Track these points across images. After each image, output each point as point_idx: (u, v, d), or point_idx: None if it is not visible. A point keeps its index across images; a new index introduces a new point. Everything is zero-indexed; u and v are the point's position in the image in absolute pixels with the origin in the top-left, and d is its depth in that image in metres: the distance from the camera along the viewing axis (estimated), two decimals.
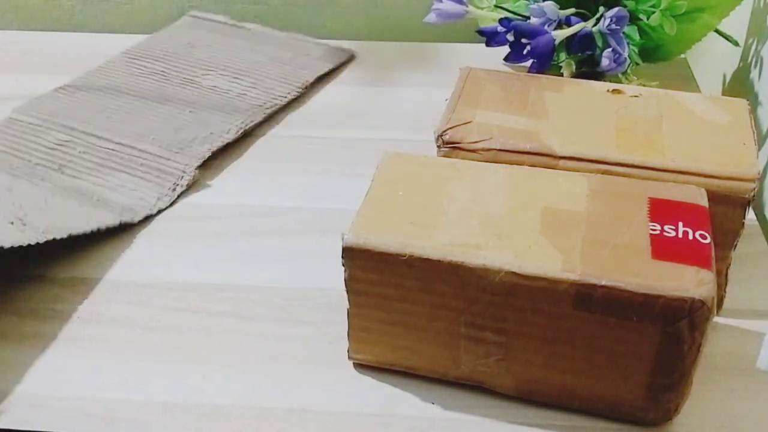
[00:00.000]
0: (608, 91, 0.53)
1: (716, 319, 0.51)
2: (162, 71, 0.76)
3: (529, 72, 0.64)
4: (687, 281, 0.39)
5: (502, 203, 0.44)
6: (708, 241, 0.41)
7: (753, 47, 0.67)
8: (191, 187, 0.63)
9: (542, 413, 0.44)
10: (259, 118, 0.70)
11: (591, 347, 0.41)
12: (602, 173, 0.47)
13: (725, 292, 0.50)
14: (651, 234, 0.41)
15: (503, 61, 0.66)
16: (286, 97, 0.73)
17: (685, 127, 0.50)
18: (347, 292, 0.44)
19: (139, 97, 0.72)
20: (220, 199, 0.61)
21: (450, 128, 0.50)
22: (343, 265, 0.43)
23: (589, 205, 0.43)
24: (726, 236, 0.47)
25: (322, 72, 0.77)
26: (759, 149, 0.49)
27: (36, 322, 0.51)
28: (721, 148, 0.48)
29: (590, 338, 0.41)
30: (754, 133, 0.50)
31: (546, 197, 0.44)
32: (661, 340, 0.39)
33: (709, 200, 0.46)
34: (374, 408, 0.45)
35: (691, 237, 0.41)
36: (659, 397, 0.42)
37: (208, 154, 0.65)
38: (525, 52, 0.63)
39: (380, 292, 0.43)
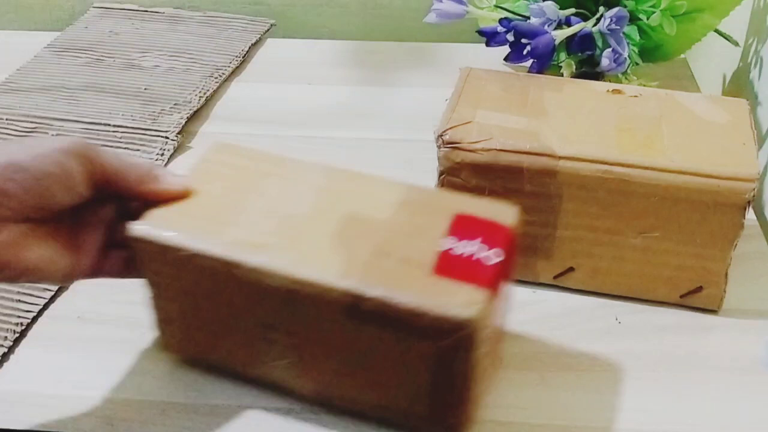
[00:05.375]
0: (608, 91, 0.54)
1: (715, 318, 0.51)
2: (98, 59, 0.78)
3: (529, 72, 0.64)
4: (457, 300, 0.37)
5: (310, 205, 0.43)
6: (497, 260, 0.39)
7: (753, 47, 0.67)
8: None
9: None
10: (213, 86, 0.73)
11: (373, 358, 0.40)
12: (602, 173, 0.47)
13: (725, 292, 0.50)
14: (441, 250, 0.40)
15: (503, 61, 0.66)
16: (229, 66, 0.77)
17: (685, 127, 0.50)
18: (145, 284, 0.44)
19: (89, 83, 0.74)
20: None
21: (450, 128, 0.50)
22: (135, 255, 0.42)
23: (393, 215, 0.42)
24: (725, 236, 0.47)
25: (252, 41, 0.81)
26: (759, 149, 0.49)
27: (37, 322, 0.51)
28: (721, 148, 0.48)
29: (370, 349, 0.40)
30: (753, 133, 0.50)
31: (355, 203, 0.43)
32: (434, 356, 0.39)
33: (708, 200, 0.46)
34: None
35: (480, 255, 0.39)
36: (443, 412, 0.41)
37: (183, 122, 0.68)
38: (525, 52, 0.63)
39: (172, 285, 0.43)
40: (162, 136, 0.66)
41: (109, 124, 0.68)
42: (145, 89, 0.72)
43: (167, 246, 0.41)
